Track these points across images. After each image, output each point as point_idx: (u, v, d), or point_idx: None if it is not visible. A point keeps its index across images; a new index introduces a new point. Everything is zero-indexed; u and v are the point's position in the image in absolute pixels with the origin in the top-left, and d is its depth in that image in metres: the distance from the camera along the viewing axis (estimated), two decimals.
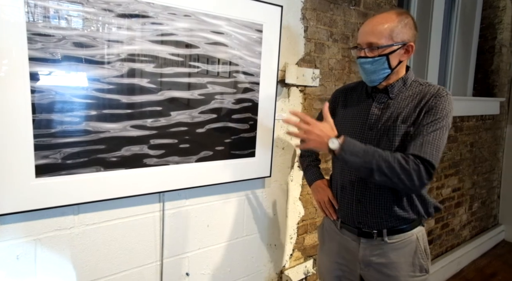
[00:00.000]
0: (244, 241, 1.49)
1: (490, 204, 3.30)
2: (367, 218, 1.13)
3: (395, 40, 1.02)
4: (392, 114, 1.08)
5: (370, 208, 1.11)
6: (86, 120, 0.98)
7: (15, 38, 0.85)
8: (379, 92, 1.12)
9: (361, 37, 1.06)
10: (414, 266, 1.12)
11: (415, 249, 1.12)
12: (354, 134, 1.14)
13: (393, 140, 1.05)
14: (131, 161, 1.08)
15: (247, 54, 1.28)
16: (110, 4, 0.97)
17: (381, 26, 1.02)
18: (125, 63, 1.03)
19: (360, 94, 1.20)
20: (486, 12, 3.04)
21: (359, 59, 1.07)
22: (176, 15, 1.09)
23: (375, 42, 1.02)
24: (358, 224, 1.15)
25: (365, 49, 1.04)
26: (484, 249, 3.16)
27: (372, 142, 1.09)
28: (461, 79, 2.92)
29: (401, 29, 1.02)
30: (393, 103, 1.09)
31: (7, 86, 0.86)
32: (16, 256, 0.96)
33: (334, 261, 1.25)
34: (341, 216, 1.21)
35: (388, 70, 1.06)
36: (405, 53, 1.06)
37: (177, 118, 1.15)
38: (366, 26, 1.05)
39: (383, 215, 1.10)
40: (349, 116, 1.19)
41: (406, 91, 1.10)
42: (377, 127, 1.09)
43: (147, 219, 1.19)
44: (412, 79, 1.12)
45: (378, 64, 1.04)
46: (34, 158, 0.91)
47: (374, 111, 1.12)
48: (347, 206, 1.17)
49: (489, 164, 3.16)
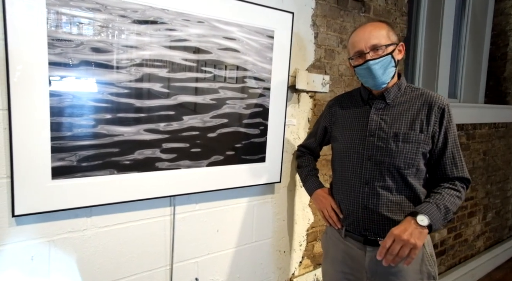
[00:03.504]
0: (253, 247, 1.48)
1: (504, 215, 3.22)
2: (373, 224, 1.12)
3: (392, 40, 1.09)
4: (395, 120, 1.11)
5: (377, 214, 1.11)
6: (101, 124, 1.00)
7: (37, 43, 0.88)
8: (375, 99, 1.16)
9: (362, 43, 1.09)
10: (422, 273, 1.11)
11: (422, 256, 1.11)
12: (355, 141, 1.16)
13: (402, 145, 1.09)
14: (144, 165, 1.10)
15: (258, 59, 1.30)
16: (127, 11, 1.00)
17: (377, 30, 1.09)
18: (140, 68, 1.05)
19: (356, 102, 1.23)
20: (498, 19, 3.02)
21: (366, 63, 1.08)
22: (190, 21, 1.12)
23: (378, 43, 1.07)
24: (364, 231, 1.14)
25: (370, 52, 1.07)
26: (500, 261, 3.07)
27: (374, 147, 1.12)
28: (472, 86, 2.89)
29: (392, 32, 1.11)
30: (392, 108, 1.13)
31: (27, 90, 0.89)
32: (31, 257, 0.97)
33: (339, 271, 1.23)
34: (345, 224, 1.20)
35: (394, 68, 1.10)
36: (399, 52, 1.12)
37: (189, 123, 1.17)
38: (362, 34, 1.10)
39: (389, 221, 1.10)
40: (349, 124, 1.21)
41: (401, 96, 1.15)
42: (378, 133, 1.12)
43: (158, 223, 1.20)
44: (406, 84, 1.17)
45: (386, 63, 1.08)
46: (51, 160, 0.93)
47: (373, 117, 1.14)
48: (353, 213, 1.16)
49: (503, 173, 3.09)
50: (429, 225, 1.00)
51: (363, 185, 1.13)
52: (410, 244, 0.97)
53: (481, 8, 2.81)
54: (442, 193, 1.07)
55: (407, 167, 1.09)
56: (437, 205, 1.04)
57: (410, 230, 0.99)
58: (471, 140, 2.67)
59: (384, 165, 1.10)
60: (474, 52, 2.85)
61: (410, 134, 1.08)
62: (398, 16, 1.90)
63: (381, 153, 1.11)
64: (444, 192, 1.08)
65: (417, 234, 0.98)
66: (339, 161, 1.24)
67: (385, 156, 1.10)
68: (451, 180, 1.11)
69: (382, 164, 1.11)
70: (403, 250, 0.98)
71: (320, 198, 1.30)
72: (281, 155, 1.44)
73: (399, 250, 0.98)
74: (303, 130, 1.57)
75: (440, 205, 1.04)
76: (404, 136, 1.09)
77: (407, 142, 1.08)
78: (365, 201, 1.13)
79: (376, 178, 1.12)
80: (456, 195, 1.08)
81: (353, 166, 1.16)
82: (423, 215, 1.00)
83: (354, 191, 1.15)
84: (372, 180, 1.12)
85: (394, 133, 1.10)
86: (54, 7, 0.90)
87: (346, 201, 1.18)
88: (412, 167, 1.09)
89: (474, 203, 2.80)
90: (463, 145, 2.58)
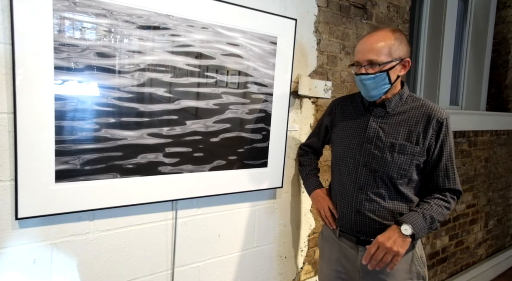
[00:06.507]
0: (254, 252, 1.47)
1: (506, 222, 3.20)
2: (365, 227, 1.16)
3: (394, 56, 1.06)
4: (392, 130, 1.13)
5: (368, 218, 1.14)
6: (104, 128, 1.01)
7: (43, 48, 0.89)
8: (376, 106, 1.16)
9: (360, 55, 1.08)
10: (411, 273, 1.15)
11: (412, 257, 1.15)
12: (353, 147, 1.18)
13: (397, 156, 1.11)
14: (147, 169, 1.10)
15: (261, 65, 1.31)
16: (132, 16, 1.01)
17: (379, 44, 1.05)
18: (144, 73, 1.06)
19: (357, 107, 1.24)
20: (499, 27, 3.03)
21: (359, 76, 1.09)
22: (194, 27, 1.13)
23: (375, 59, 1.06)
24: (356, 233, 1.18)
25: (365, 66, 1.07)
26: (501, 269, 3.05)
27: (370, 155, 1.14)
28: (474, 94, 2.89)
29: (398, 46, 1.07)
30: (391, 117, 1.14)
31: (33, 93, 0.90)
32: (33, 260, 0.97)
33: (334, 269, 1.27)
34: (340, 225, 1.24)
35: (388, 85, 1.10)
36: (402, 68, 1.10)
37: (192, 127, 1.17)
38: (364, 44, 1.08)
39: (380, 226, 1.13)
40: (348, 129, 1.23)
41: (402, 105, 1.15)
42: (376, 141, 1.14)
43: (160, 227, 1.20)
44: (408, 94, 1.17)
45: (379, 80, 1.07)
46: (55, 163, 0.94)
47: (372, 124, 1.16)
48: (346, 216, 1.20)
49: (504, 180, 3.08)
50: (412, 234, 1.05)
51: (357, 190, 1.17)
52: (393, 251, 1.04)
53: (482, 16, 2.83)
54: (431, 203, 1.11)
55: (400, 177, 1.12)
56: (423, 215, 1.08)
57: (394, 239, 1.05)
58: (473, 147, 2.66)
59: (378, 173, 1.13)
60: (476, 60, 2.86)
61: (406, 146, 1.10)
62: (400, 23, 1.92)
63: (376, 162, 1.13)
64: (433, 202, 1.12)
65: (400, 243, 1.05)
66: (336, 164, 1.27)
67: (380, 165, 1.13)
68: (443, 191, 1.14)
69: (377, 172, 1.13)
70: (386, 257, 1.05)
71: (318, 198, 1.33)
72: (283, 160, 1.45)
73: (382, 256, 1.05)
74: (305, 135, 1.57)
75: (426, 215, 1.08)
76: (400, 147, 1.11)
77: (402, 153, 1.10)
78: (358, 206, 1.16)
79: (370, 185, 1.15)
80: (444, 205, 1.12)
81: (349, 171, 1.19)
82: (407, 225, 1.05)
83: (348, 195, 1.19)
84: (366, 186, 1.15)
85: (391, 143, 1.11)
86: (61, 13, 0.91)
87: (341, 204, 1.22)
88: (405, 177, 1.12)
89: (475, 211, 2.78)
90: (465, 152, 2.58)
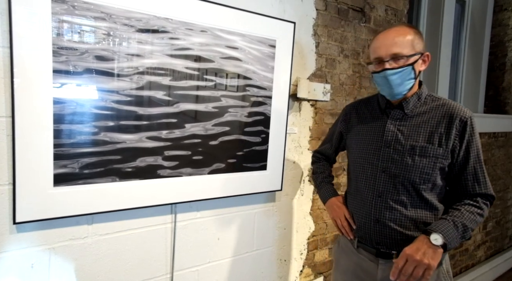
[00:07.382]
0: (254, 255, 1.47)
1: (505, 224, 3.20)
2: (385, 238, 1.07)
3: (416, 50, 1.02)
4: (412, 132, 1.06)
5: (389, 228, 1.06)
6: (103, 131, 1.01)
7: (41, 51, 0.89)
8: (393, 108, 1.10)
9: (383, 50, 1.02)
10: None
11: (438, 273, 1.05)
12: (370, 152, 1.11)
13: (418, 160, 1.03)
14: (146, 172, 1.10)
15: (260, 68, 1.31)
16: (131, 20, 1.01)
17: (402, 37, 1.01)
18: (143, 76, 1.06)
19: (373, 110, 1.17)
20: (496, 30, 3.05)
21: (383, 72, 1.02)
22: (193, 30, 1.13)
23: (400, 52, 1.00)
24: (376, 244, 1.09)
25: (389, 61, 1.01)
26: (500, 271, 3.05)
27: (389, 159, 1.07)
28: (471, 96, 2.91)
29: (418, 40, 1.03)
30: (410, 119, 1.07)
31: (31, 97, 0.89)
32: (31, 265, 0.96)
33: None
34: (358, 236, 1.16)
35: (413, 80, 1.04)
36: (423, 63, 1.06)
37: (191, 130, 1.17)
38: (384, 39, 1.03)
39: (402, 236, 1.05)
40: (364, 133, 1.16)
41: (421, 106, 1.08)
42: (394, 145, 1.07)
43: (159, 231, 1.19)
44: (427, 94, 1.11)
45: (405, 74, 1.02)
46: (53, 167, 0.94)
47: (390, 127, 1.09)
48: (364, 226, 1.12)
49: (503, 182, 3.09)
50: (444, 244, 0.95)
51: (376, 198, 1.08)
52: (424, 264, 0.94)
53: (479, 19, 2.85)
54: (462, 210, 1.01)
55: (422, 182, 1.03)
56: (454, 223, 0.98)
57: (423, 250, 0.95)
58: None
59: (399, 179, 1.05)
60: (473, 63, 2.88)
61: (428, 148, 1.03)
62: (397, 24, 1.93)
63: (396, 166, 1.06)
64: (464, 208, 1.02)
65: (430, 254, 0.94)
66: (353, 171, 1.19)
67: (400, 169, 1.05)
68: (473, 196, 1.05)
69: (397, 177, 1.05)
70: (417, 271, 0.94)
71: (334, 207, 1.24)
72: (282, 163, 1.44)
73: (412, 270, 0.95)
74: (304, 138, 1.58)
75: (457, 222, 0.98)
76: (421, 150, 1.03)
77: (424, 156, 1.03)
78: (377, 215, 1.08)
79: (390, 191, 1.06)
80: (477, 212, 1.02)
81: (367, 177, 1.12)
82: (437, 234, 0.96)
83: (367, 203, 1.11)
84: (385, 193, 1.07)
85: (411, 146, 1.04)
86: (60, 16, 0.91)
87: (359, 213, 1.14)
88: (428, 182, 1.04)
89: None
90: None
